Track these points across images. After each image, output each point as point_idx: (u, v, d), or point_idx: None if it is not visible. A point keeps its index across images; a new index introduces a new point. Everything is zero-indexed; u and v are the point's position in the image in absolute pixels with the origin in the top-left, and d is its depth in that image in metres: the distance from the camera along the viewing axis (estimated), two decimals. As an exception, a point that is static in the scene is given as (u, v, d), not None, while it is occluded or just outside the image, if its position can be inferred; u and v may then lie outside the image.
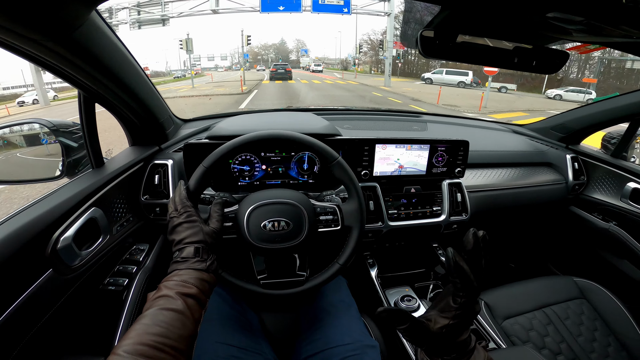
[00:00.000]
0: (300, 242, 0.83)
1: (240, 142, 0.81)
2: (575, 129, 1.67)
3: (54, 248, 0.73)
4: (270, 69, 25.81)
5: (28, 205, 0.76)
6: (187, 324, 0.56)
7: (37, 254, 0.71)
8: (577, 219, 1.67)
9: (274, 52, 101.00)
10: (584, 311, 1.27)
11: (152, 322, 0.53)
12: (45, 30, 0.57)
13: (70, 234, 0.77)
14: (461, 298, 0.59)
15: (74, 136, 1.00)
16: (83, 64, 0.72)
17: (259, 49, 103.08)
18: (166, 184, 1.09)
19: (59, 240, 0.74)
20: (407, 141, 1.23)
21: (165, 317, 0.55)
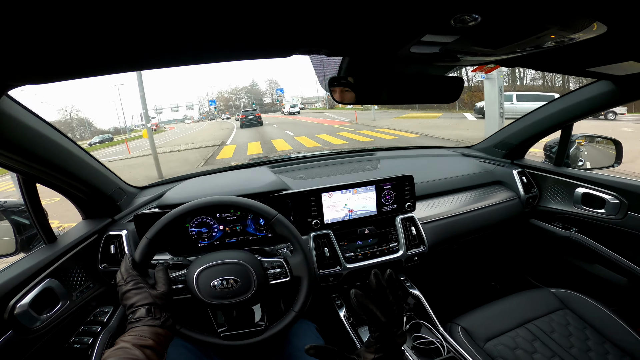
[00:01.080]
0: (251, 296, 0.89)
1: (177, 213, 0.88)
2: (514, 144, 1.73)
3: (12, 313, 0.81)
4: (240, 117, 24.83)
5: None
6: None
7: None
8: (539, 231, 1.69)
9: (246, 95, 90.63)
10: (569, 322, 1.25)
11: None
12: None
13: (27, 301, 0.84)
14: (376, 332, 0.65)
15: (24, 214, 1.04)
16: (4, 152, 0.75)
17: (229, 94, 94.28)
18: (123, 253, 1.14)
19: (15, 307, 0.82)
20: (352, 185, 1.29)
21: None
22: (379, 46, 0.63)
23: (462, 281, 2.01)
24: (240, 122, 23.79)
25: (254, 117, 23.74)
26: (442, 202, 1.59)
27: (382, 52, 0.67)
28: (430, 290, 1.42)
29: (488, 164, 1.82)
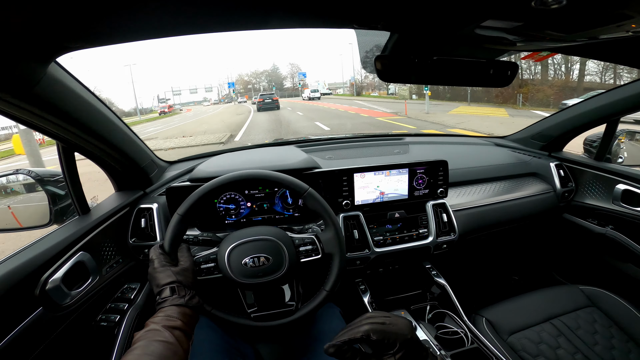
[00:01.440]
0: (282, 274, 0.87)
1: (209, 187, 0.86)
2: (554, 135, 1.67)
3: (43, 289, 0.79)
4: (257, 100, 25.01)
5: (17, 251, 0.81)
6: (178, 354, 0.59)
7: (26, 294, 0.76)
8: (572, 226, 1.65)
9: (266, 79, 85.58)
10: (596, 319, 1.23)
11: (143, 352, 0.56)
12: (5, 88, 0.59)
13: (59, 276, 0.82)
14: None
15: (59, 184, 1.03)
16: (50, 116, 0.75)
17: (249, 77, 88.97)
18: (153, 227, 1.13)
19: (47, 282, 0.80)
20: (385, 167, 1.26)
21: (155, 347, 0.57)
22: (443, 24, 0.60)
23: (485, 273, 1.98)
24: (257, 106, 23.99)
25: (271, 101, 23.78)
26: (474, 190, 1.55)
27: (444, 30, 0.63)
28: (456, 280, 1.40)
29: (523, 154, 1.76)
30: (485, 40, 0.67)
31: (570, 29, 0.55)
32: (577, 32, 0.56)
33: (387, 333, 0.60)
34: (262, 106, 23.33)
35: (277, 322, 0.89)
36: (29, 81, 0.63)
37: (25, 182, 1.04)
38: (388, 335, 0.60)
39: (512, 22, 0.54)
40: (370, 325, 0.60)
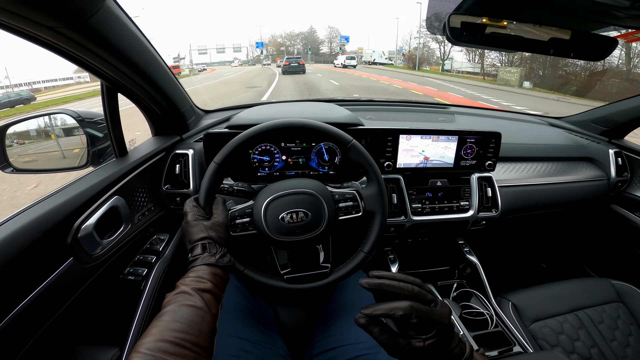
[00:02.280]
0: (320, 232, 0.81)
1: (249, 134, 0.79)
2: (619, 122, 1.54)
3: (75, 236, 0.74)
4: (283, 63, 24.92)
5: (51, 193, 0.76)
6: (207, 319, 0.57)
7: (58, 242, 0.71)
8: (617, 218, 1.56)
9: (302, 42, 76.15)
10: (620, 315, 1.21)
11: (172, 318, 0.54)
12: (61, 17, 0.56)
13: (92, 222, 0.77)
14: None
15: (98, 126, 1.02)
16: (102, 51, 0.71)
17: (283, 39, 79.34)
18: (187, 174, 1.09)
19: (80, 229, 0.75)
20: (434, 132, 1.17)
21: (184, 313, 0.55)
22: None
23: (515, 256, 1.94)
24: (282, 69, 24.09)
25: (297, 65, 23.82)
26: (522, 168, 1.46)
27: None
28: (486, 260, 1.35)
29: (581, 137, 1.65)
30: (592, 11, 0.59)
31: None
32: None
33: (429, 319, 0.53)
34: (287, 69, 23.39)
35: (310, 284, 0.84)
36: (86, 12, 0.60)
37: (67, 122, 1.03)
38: (429, 321, 0.53)
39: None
40: (413, 307, 0.53)
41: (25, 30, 0.57)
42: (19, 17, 0.52)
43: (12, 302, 0.62)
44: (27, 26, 0.56)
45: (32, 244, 0.65)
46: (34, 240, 0.66)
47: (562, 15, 0.66)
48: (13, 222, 0.66)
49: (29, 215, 0.68)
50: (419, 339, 0.53)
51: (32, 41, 0.62)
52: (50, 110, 1.00)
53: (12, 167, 0.92)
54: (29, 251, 0.65)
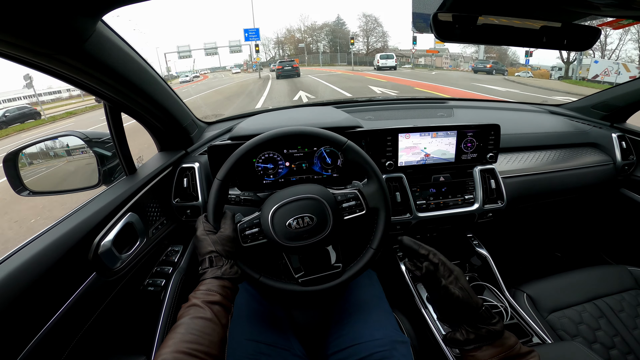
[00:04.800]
0: (328, 234, 0.83)
1: (248, 147, 0.83)
2: (620, 106, 1.54)
3: (96, 252, 0.78)
4: (277, 67, 23.59)
5: (70, 214, 0.81)
6: (217, 330, 0.61)
7: (80, 259, 0.76)
8: (628, 202, 1.54)
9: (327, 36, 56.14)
10: (639, 302, 1.17)
11: (186, 330, 0.58)
12: (54, 44, 0.58)
13: (110, 238, 0.81)
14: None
15: (106, 145, 1.04)
16: (99, 74, 0.74)
17: (302, 33, 58.40)
18: (195, 187, 1.12)
19: (100, 245, 0.79)
20: (432, 128, 1.18)
21: (197, 325, 0.60)
22: None
23: (528, 247, 1.91)
24: (276, 73, 23.42)
25: (291, 68, 23.15)
26: (525, 157, 1.45)
27: None
28: (497, 252, 1.34)
29: (582, 123, 1.64)
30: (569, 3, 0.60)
31: None
32: None
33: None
34: (281, 73, 22.81)
35: (325, 285, 0.85)
36: (80, 37, 0.62)
37: (75, 143, 1.05)
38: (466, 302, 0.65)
39: None
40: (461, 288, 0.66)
41: (21, 57, 0.59)
42: (14, 45, 0.54)
43: (43, 318, 0.66)
44: (23, 54, 0.58)
45: (56, 262, 0.69)
46: (59, 258, 0.70)
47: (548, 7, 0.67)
48: (37, 242, 0.70)
49: (51, 236, 0.72)
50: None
51: (30, 67, 0.64)
52: (58, 133, 1.02)
53: (28, 190, 0.95)
54: (54, 269, 0.68)
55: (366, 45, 52.59)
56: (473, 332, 0.63)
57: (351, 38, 39.19)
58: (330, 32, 56.67)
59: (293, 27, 63.60)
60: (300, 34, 59.15)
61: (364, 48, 52.63)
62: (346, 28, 56.65)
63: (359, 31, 54.02)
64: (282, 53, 57.84)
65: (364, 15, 56.96)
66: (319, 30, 58.00)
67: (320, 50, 50.02)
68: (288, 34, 60.55)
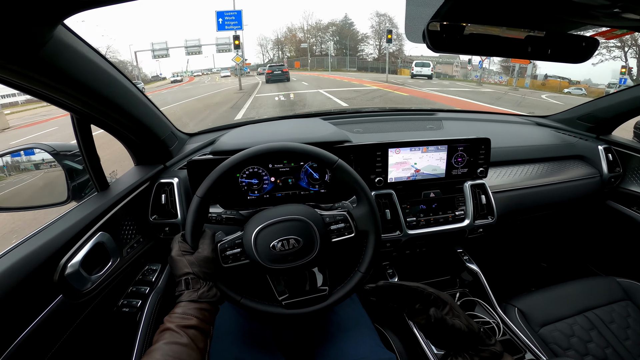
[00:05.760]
0: (314, 257, 0.80)
1: (230, 164, 0.79)
2: (605, 117, 1.57)
3: (62, 274, 0.73)
4: (266, 71, 23.47)
5: (34, 233, 0.76)
6: (194, 355, 0.59)
7: (45, 281, 0.71)
8: (615, 214, 1.56)
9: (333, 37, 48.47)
10: (629, 313, 1.20)
11: (161, 356, 0.56)
12: (4, 54, 0.53)
13: (78, 260, 0.77)
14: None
15: (77, 159, 0.98)
16: (59, 85, 0.69)
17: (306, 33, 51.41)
18: (173, 203, 1.07)
19: (66, 267, 0.74)
20: (423, 143, 1.17)
21: (172, 351, 0.58)
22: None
23: (518, 260, 1.93)
24: (266, 77, 23.33)
25: (280, 72, 23.15)
26: (514, 171, 1.46)
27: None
28: (487, 267, 1.34)
29: (568, 136, 1.66)
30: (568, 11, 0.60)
31: None
32: None
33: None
34: (270, 77, 22.76)
35: (310, 308, 0.82)
36: (33, 46, 0.56)
37: (42, 157, 0.99)
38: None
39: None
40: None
41: None
42: None
43: (3, 344, 0.61)
44: None
45: (18, 284, 0.65)
46: (20, 280, 0.66)
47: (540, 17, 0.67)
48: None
49: (13, 257, 0.68)
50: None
51: None
52: (22, 146, 0.96)
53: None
54: (15, 292, 0.64)
55: (378, 48, 45.83)
56: (476, 355, 0.62)
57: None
58: (337, 33, 49.55)
59: (295, 26, 56.83)
60: (302, 33, 52.25)
61: (374, 52, 46.28)
62: (355, 29, 49.58)
63: (370, 32, 47.66)
64: (281, 55, 51.88)
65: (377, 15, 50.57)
66: (324, 29, 50.99)
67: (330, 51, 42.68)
68: (289, 33, 53.67)
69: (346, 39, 46.79)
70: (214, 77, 37.42)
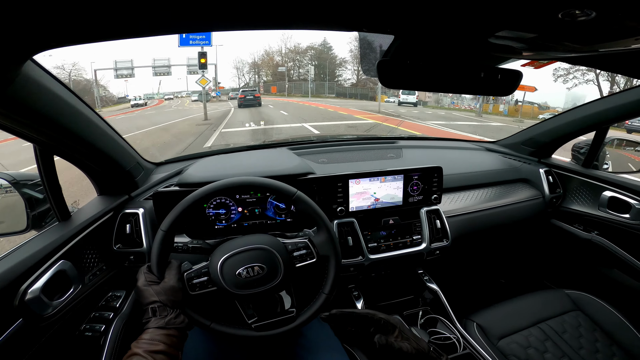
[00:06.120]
0: (279, 282, 0.86)
1: (193, 199, 0.84)
2: (544, 141, 1.70)
3: (22, 299, 0.74)
4: (239, 96, 23.37)
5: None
6: None
7: (4, 306, 0.72)
8: (559, 232, 1.68)
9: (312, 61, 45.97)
10: (580, 323, 1.27)
11: None
12: None
13: (38, 286, 0.78)
14: None
15: (37, 188, 0.98)
16: (24, 119, 0.70)
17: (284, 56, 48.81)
18: (139, 233, 1.08)
19: (27, 292, 0.75)
20: (381, 173, 1.25)
21: None
22: (459, 32, 0.59)
23: (476, 277, 2.01)
24: (238, 102, 23.19)
25: (252, 97, 23.06)
26: (465, 196, 1.56)
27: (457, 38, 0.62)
28: (447, 285, 1.42)
29: (514, 160, 1.79)
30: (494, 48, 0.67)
31: (591, 41, 0.55)
32: (599, 43, 0.56)
33: None
34: (243, 102, 22.65)
35: (279, 329, 0.87)
36: (1, 83, 0.57)
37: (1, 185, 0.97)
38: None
39: (530, 32, 0.54)
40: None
41: None
42: None
43: None
44: None
45: None
46: None
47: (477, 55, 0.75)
48: None
49: None
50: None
51: None
52: None
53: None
54: None
55: (356, 74, 42.77)
56: None
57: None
58: (315, 57, 47.15)
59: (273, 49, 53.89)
60: (280, 56, 49.43)
61: (352, 77, 43.43)
62: (333, 53, 47.22)
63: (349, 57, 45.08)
64: (257, 79, 48.63)
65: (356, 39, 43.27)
66: (303, 53, 48.16)
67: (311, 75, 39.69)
68: (266, 56, 50.55)
69: (325, 63, 44.84)
70: (184, 101, 34.36)
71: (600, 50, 0.61)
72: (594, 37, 0.54)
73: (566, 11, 0.42)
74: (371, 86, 33.22)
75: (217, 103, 27.52)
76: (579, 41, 0.56)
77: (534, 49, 0.67)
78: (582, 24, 0.46)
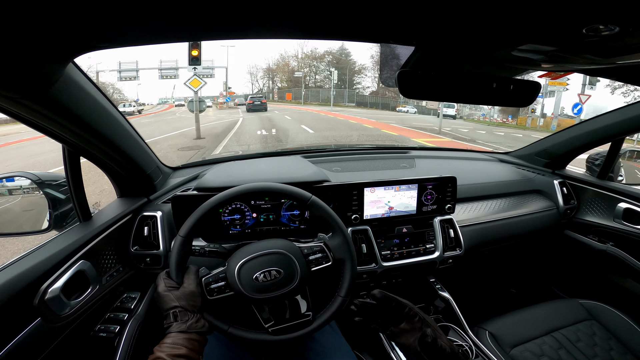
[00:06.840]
0: (295, 285, 0.87)
1: (211, 204, 0.86)
2: (558, 153, 1.70)
3: (42, 299, 0.76)
4: (247, 102, 25.25)
5: (17, 259, 0.79)
6: None
7: (24, 305, 0.74)
8: (574, 243, 1.68)
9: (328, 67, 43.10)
10: (595, 332, 1.26)
11: None
12: (20, 89, 0.56)
13: (59, 285, 0.79)
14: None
15: (61, 189, 1.00)
16: (62, 120, 0.72)
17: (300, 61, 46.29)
18: (156, 236, 1.10)
19: (47, 292, 0.77)
20: (396, 182, 1.27)
21: None
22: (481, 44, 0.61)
23: (487, 286, 2.01)
24: (247, 107, 24.55)
25: (260, 104, 24.58)
26: (479, 206, 1.57)
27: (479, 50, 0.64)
28: (459, 293, 1.42)
29: (527, 171, 1.80)
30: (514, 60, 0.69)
31: (612, 54, 0.57)
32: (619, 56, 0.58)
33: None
34: (251, 107, 24.10)
35: (297, 333, 0.88)
36: (46, 83, 0.59)
37: (26, 185, 1.01)
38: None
39: (553, 45, 0.55)
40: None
41: None
42: None
43: None
44: None
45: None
46: (1, 304, 0.68)
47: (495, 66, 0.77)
48: None
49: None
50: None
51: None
52: (5, 174, 0.98)
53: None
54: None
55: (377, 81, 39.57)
56: None
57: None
58: (333, 63, 44.16)
59: (288, 53, 52.39)
60: (296, 61, 46.82)
61: (372, 85, 40.81)
62: (352, 59, 44.45)
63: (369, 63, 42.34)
64: (272, 85, 46.84)
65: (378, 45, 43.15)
66: (320, 58, 45.43)
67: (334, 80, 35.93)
68: (282, 60, 48.18)
69: (344, 70, 41.65)
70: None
71: (618, 63, 0.63)
72: (615, 51, 0.55)
73: (590, 26, 0.44)
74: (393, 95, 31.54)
75: (226, 111, 25.96)
76: (599, 54, 0.58)
77: (554, 61, 0.68)
78: (604, 38, 0.48)
